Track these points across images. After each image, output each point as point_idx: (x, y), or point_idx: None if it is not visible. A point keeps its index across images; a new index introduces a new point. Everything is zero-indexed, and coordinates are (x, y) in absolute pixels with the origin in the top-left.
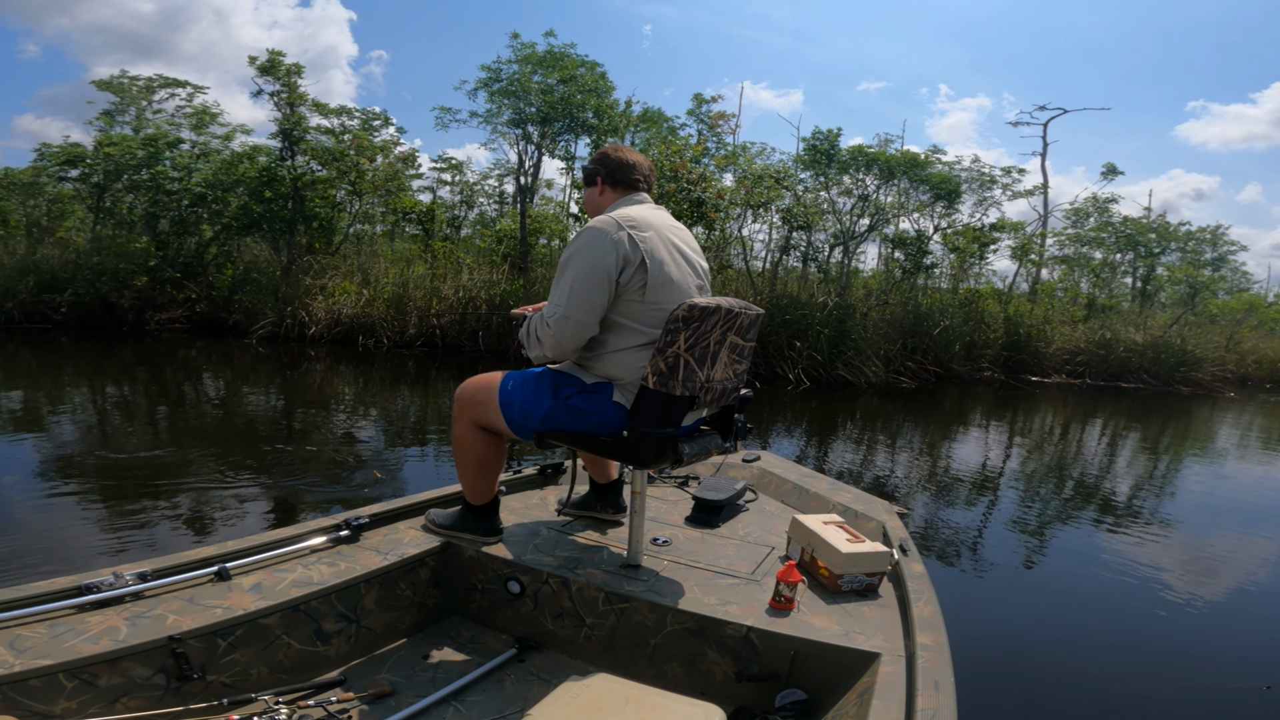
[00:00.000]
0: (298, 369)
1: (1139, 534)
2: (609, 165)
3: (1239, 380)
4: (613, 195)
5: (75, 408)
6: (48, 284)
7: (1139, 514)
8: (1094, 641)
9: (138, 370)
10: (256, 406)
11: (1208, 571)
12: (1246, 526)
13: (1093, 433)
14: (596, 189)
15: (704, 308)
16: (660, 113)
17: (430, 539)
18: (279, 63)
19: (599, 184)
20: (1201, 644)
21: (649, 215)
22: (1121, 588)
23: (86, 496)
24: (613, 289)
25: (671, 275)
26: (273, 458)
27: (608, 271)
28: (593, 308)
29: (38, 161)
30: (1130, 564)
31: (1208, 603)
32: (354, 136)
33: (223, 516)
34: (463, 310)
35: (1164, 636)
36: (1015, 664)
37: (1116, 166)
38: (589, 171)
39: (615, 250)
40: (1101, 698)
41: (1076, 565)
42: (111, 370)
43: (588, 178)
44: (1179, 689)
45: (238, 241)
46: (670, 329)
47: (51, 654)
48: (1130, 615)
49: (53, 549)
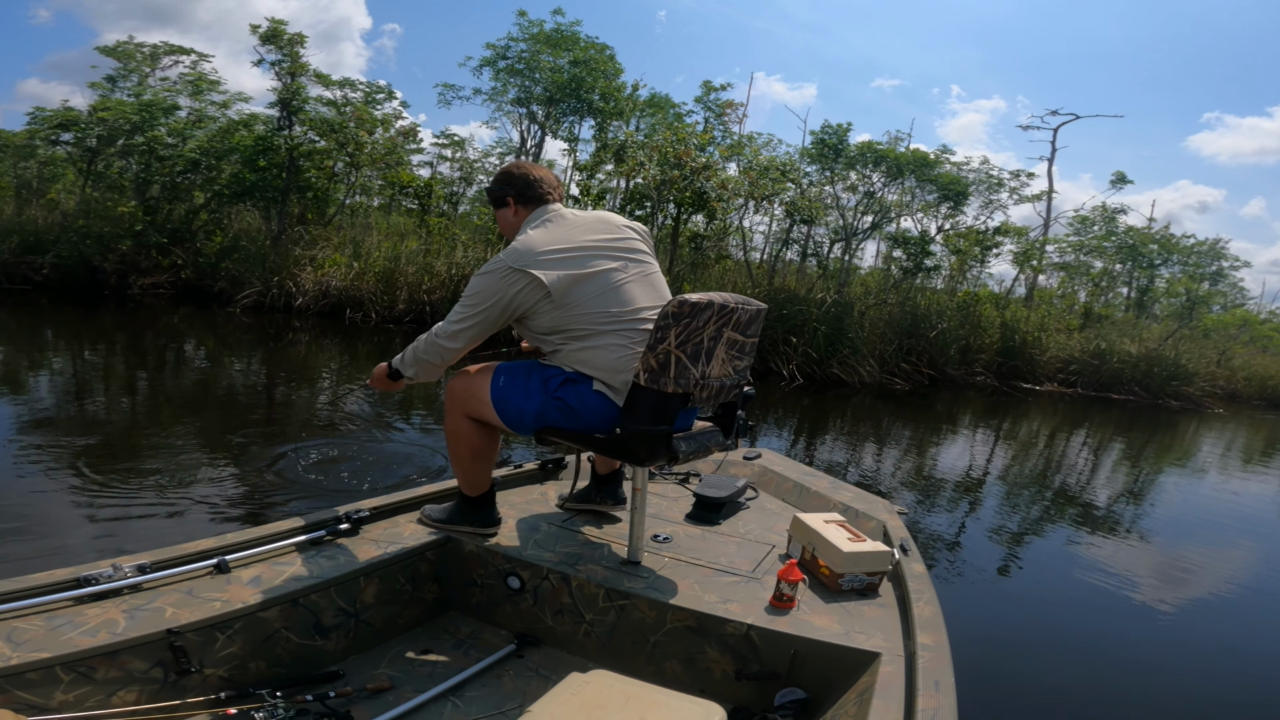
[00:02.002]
0: (281, 340)
1: (1140, 538)
2: (516, 185)
3: (1228, 396)
4: (524, 212)
5: (54, 375)
6: (31, 245)
7: (1141, 519)
8: (1094, 642)
9: (117, 336)
10: (239, 379)
11: (1209, 576)
12: (1252, 535)
13: (1095, 441)
14: (510, 209)
15: (694, 303)
16: (667, 98)
17: (430, 533)
18: (281, 32)
19: (511, 204)
20: (1202, 644)
21: (553, 233)
22: (1122, 589)
23: (77, 486)
24: (509, 320)
25: (580, 273)
26: (258, 440)
27: (502, 308)
28: (478, 338)
29: (31, 124)
30: (1131, 566)
31: (1208, 605)
32: (354, 109)
33: (220, 508)
34: (455, 288)
35: (1164, 637)
36: (1015, 664)
37: (1126, 175)
38: (497, 195)
39: (505, 291)
40: (1101, 698)
41: (1077, 567)
42: (90, 335)
43: (497, 201)
44: (1179, 689)
45: (229, 209)
46: (661, 325)
47: (49, 646)
48: (1130, 616)
49: (49, 542)
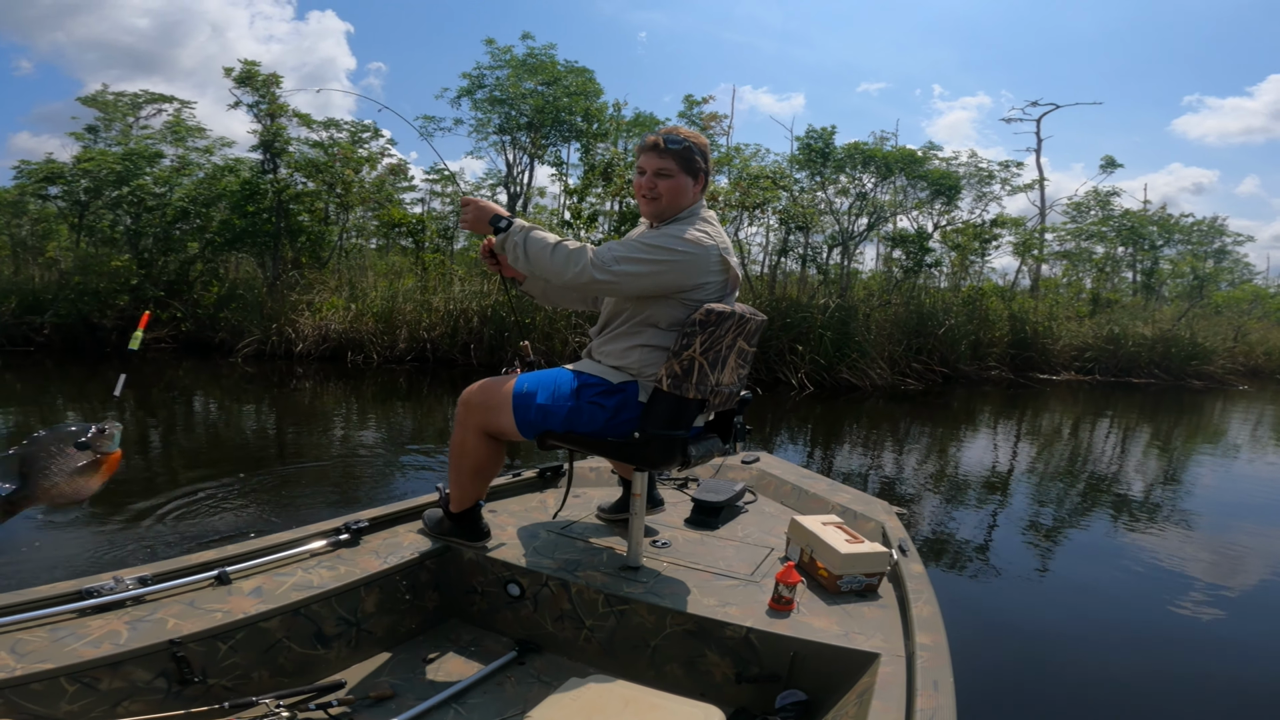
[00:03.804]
0: (285, 387)
1: (1141, 534)
2: (708, 165)
3: (1250, 372)
4: (699, 196)
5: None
6: (30, 305)
7: (1142, 513)
8: (1094, 641)
9: (124, 393)
10: (247, 425)
11: (1212, 570)
12: (1258, 523)
13: (1103, 429)
14: (697, 184)
15: (720, 313)
16: (651, 116)
17: (429, 542)
18: (254, 73)
19: (702, 181)
20: (1202, 644)
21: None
22: (1123, 587)
23: (85, 508)
24: (665, 291)
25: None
26: (267, 475)
27: (682, 287)
28: (638, 300)
29: (18, 179)
30: (1132, 564)
31: (1210, 602)
32: (340, 148)
33: (222, 522)
34: (454, 323)
35: (1165, 636)
36: (1015, 664)
37: (1115, 159)
38: (698, 166)
39: (702, 265)
40: (1102, 698)
41: (1077, 565)
42: (97, 393)
43: (694, 170)
44: (1180, 689)
45: (225, 258)
46: (687, 332)
47: (53, 658)
48: (1131, 615)
49: (52, 555)
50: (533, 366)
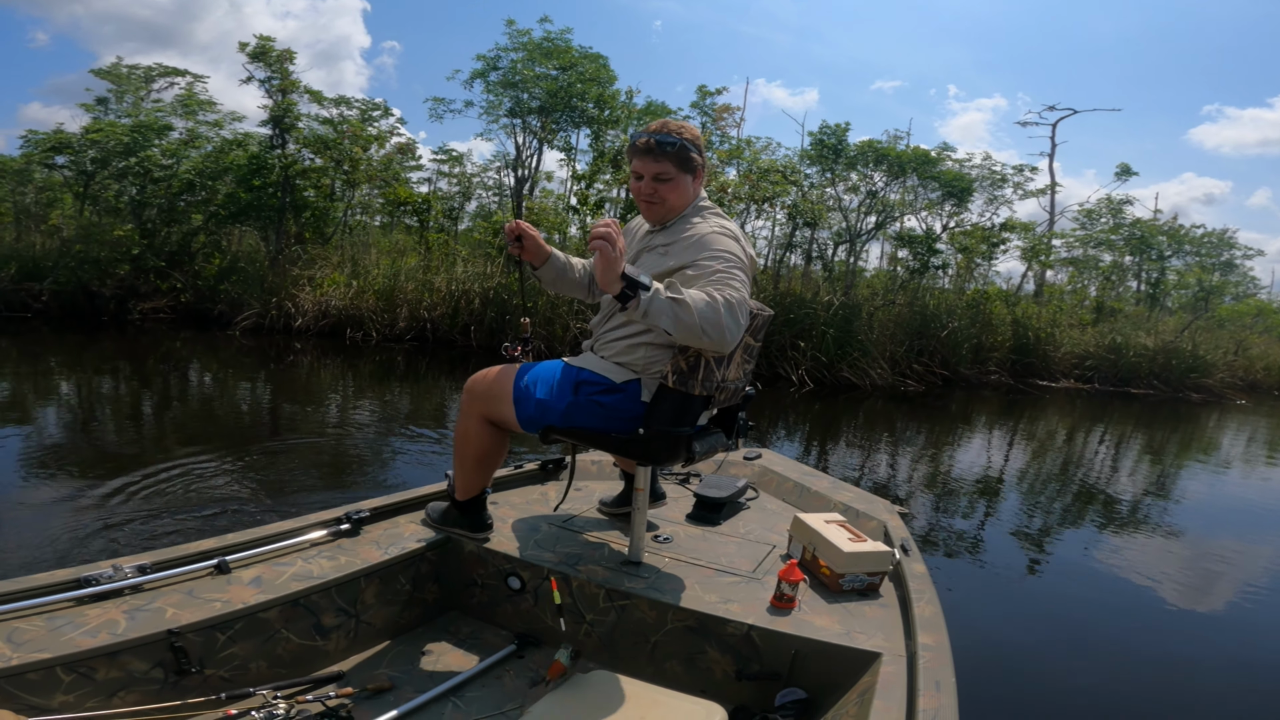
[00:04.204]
0: (282, 362)
1: (1142, 538)
2: (703, 155)
3: (1248, 386)
4: (699, 189)
5: (60, 399)
6: (29, 272)
7: (1142, 519)
8: (1095, 642)
9: (120, 362)
10: (241, 398)
11: (1210, 576)
12: (1250, 533)
13: (1098, 438)
14: (696, 179)
15: None
16: (663, 105)
17: (430, 534)
18: (269, 49)
19: (700, 175)
20: (1203, 645)
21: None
22: (1123, 589)
23: (82, 490)
24: None
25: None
26: (264, 454)
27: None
28: None
29: (25, 148)
30: (1132, 566)
31: (1210, 606)
32: (349, 125)
33: (221, 510)
34: (455, 303)
35: (1166, 638)
36: (1016, 664)
37: (1130, 167)
38: (694, 161)
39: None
40: (1102, 698)
41: (1078, 566)
42: (93, 361)
43: (691, 166)
44: (1180, 690)
45: (228, 231)
46: None
47: (49, 647)
48: (1132, 616)
49: (49, 542)
50: (529, 344)
